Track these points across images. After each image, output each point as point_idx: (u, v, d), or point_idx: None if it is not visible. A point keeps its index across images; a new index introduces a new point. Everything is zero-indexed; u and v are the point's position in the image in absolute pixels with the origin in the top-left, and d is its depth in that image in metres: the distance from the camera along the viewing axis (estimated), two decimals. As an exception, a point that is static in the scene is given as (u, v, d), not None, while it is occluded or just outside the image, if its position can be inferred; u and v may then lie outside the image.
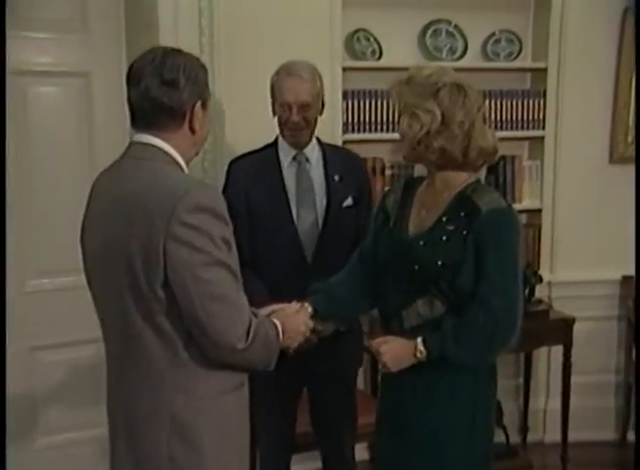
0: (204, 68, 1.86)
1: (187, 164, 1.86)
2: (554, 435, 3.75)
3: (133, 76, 1.80)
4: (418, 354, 2.08)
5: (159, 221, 1.66)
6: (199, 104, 1.80)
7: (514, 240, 2.09)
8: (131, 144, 1.84)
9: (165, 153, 1.79)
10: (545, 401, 3.94)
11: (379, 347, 2.14)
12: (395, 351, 2.12)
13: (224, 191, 2.76)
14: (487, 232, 2.05)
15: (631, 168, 3.71)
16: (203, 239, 1.67)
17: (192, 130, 1.81)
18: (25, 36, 2.99)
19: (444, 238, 2.09)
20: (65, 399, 3.18)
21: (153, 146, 1.79)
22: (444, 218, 2.11)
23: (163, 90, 1.76)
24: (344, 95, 3.44)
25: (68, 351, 3.18)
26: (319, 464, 3.00)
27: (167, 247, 1.65)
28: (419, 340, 2.08)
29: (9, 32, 2.85)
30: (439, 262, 2.07)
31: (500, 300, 2.05)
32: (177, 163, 1.81)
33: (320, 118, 2.75)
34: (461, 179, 2.15)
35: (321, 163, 2.76)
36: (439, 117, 2.05)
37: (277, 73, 2.69)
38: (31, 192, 3.08)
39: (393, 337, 2.15)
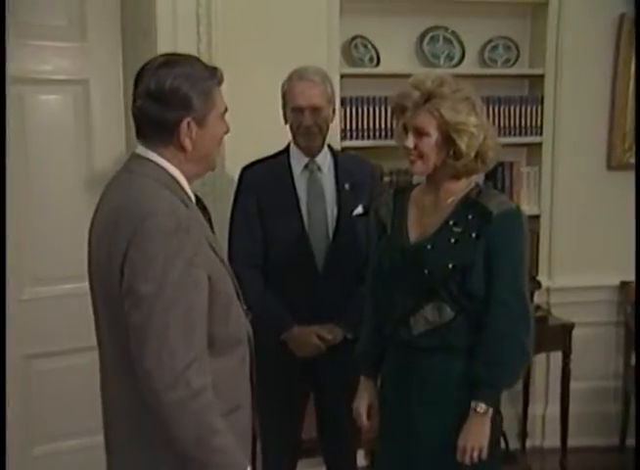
0: (206, 82, 1.71)
1: (191, 181, 1.77)
2: (553, 440, 3.75)
3: (135, 82, 1.73)
4: (479, 410, 2.09)
5: (122, 243, 1.60)
6: (186, 120, 1.68)
7: (524, 241, 2.14)
8: (131, 156, 1.78)
9: (160, 167, 1.71)
10: (544, 407, 3.94)
11: (461, 447, 2.12)
12: (468, 433, 2.11)
13: (236, 198, 2.78)
14: (500, 235, 2.08)
15: (629, 175, 3.72)
16: (158, 269, 1.57)
17: (181, 147, 1.70)
18: (24, 44, 2.99)
19: (452, 240, 2.11)
20: (61, 407, 3.17)
21: (147, 159, 1.72)
22: (451, 222, 2.13)
23: (148, 102, 1.67)
24: (342, 102, 3.44)
25: (64, 358, 3.17)
26: (323, 470, 3.01)
27: (124, 269, 1.60)
28: (472, 403, 2.10)
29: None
30: (450, 265, 2.09)
31: (517, 301, 2.10)
32: (174, 178, 1.72)
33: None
34: (463, 185, 2.18)
35: (332, 171, 2.77)
36: (483, 130, 2.09)
37: (288, 79, 2.70)
38: (28, 199, 3.08)
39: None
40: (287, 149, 2.78)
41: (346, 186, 2.73)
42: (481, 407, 2.09)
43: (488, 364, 2.09)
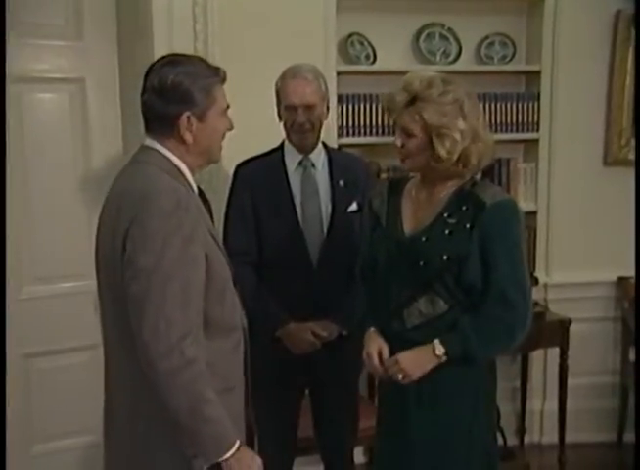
0: (207, 79, 1.81)
1: (193, 171, 1.86)
2: (551, 436, 3.76)
3: (143, 79, 1.83)
4: (437, 352, 2.08)
5: (125, 222, 1.69)
6: (186, 114, 1.78)
7: (519, 231, 2.13)
8: (139, 148, 1.88)
9: (165, 157, 1.81)
10: (542, 403, 3.95)
11: (395, 358, 2.13)
12: (412, 356, 2.12)
13: (230, 196, 2.79)
14: (494, 225, 2.08)
15: (625, 171, 3.73)
16: (157, 244, 1.66)
17: (182, 140, 1.81)
18: (20, 43, 2.99)
19: (447, 232, 2.11)
20: (60, 406, 3.17)
21: (153, 149, 1.82)
22: (446, 214, 2.14)
23: (152, 97, 1.79)
24: (339, 99, 3.45)
25: (63, 357, 3.17)
26: (321, 468, 3.00)
27: (126, 245, 1.68)
28: (436, 340, 2.09)
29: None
30: (445, 257, 2.09)
31: (515, 290, 2.09)
32: (177, 167, 1.82)
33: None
34: (456, 181, 2.18)
35: (326, 168, 2.78)
36: (470, 134, 2.08)
37: (282, 77, 2.71)
38: (26, 198, 3.07)
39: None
40: (281, 146, 2.79)
41: (341, 183, 2.74)
42: (440, 351, 2.08)
43: (476, 336, 2.07)
